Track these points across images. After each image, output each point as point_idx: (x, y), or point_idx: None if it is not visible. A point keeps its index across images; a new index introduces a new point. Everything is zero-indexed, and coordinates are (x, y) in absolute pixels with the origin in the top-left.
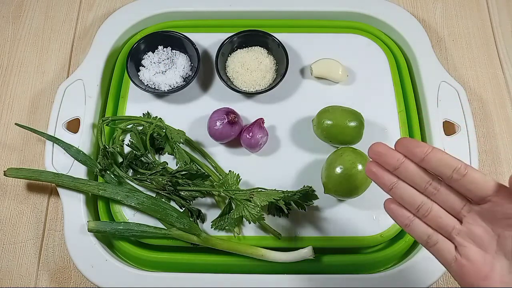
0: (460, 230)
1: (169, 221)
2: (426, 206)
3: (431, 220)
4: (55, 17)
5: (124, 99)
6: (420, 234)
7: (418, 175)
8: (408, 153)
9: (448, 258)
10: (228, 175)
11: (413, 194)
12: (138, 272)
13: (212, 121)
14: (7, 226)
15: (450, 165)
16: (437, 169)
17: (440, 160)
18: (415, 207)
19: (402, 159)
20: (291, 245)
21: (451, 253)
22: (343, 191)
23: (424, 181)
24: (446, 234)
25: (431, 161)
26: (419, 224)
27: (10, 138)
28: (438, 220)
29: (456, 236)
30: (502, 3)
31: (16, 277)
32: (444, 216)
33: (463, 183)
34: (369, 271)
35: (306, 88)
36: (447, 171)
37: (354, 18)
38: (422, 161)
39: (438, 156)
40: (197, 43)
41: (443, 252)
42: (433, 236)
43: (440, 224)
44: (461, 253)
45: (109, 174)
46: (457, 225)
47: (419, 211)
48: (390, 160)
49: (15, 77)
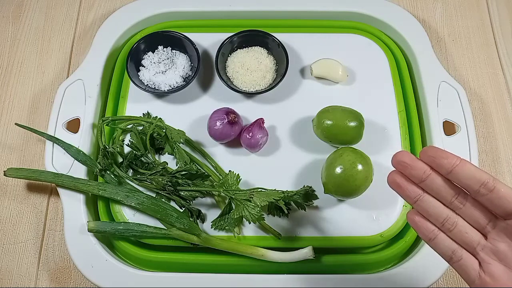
0: (485, 245)
1: (169, 221)
2: (452, 220)
3: (456, 235)
4: (55, 17)
5: (124, 99)
6: (444, 249)
7: (444, 188)
8: (434, 164)
9: (472, 275)
10: (228, 175)
11: (439, 208)
12: (138, 272)
13: (212, 121)
14: (7, 226)
15: (478, 179)
16: (464, 183)
17: (468, 174)
18: (440, 221)
19: (428, 171)
20: (291, 245)
21: (475, 269)
22: (343, 191)
23: (450, 194)
24: (471, 249)
25: (458, 174)
26: (444, 239)
27: (10, 138)
28: (463, 235)
29: (481, 252)
30: (502, 3)
31: (16, 277)
32: (469, 231)
33: (490, 198)
34: (369, 271)
35: (306, 88)
36: (475, 185)
37: (354, 18)
38: (449, 173)
39: (466, 169)
40: (197, 43)
41: (467, 269)
42: (458, 251)
43: (465, 240)
44: (485, 270)
45: (109, 174)
46: (482, 240)
47: (444, 225)
48: (416, 172)
49: (15, 77)
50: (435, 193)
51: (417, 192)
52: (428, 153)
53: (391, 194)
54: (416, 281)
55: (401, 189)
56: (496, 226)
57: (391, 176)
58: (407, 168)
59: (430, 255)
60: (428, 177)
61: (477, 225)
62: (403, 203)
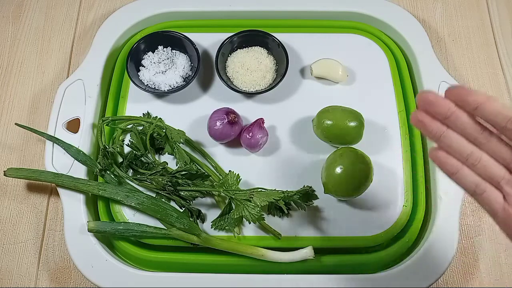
0: (510, 180)
1: (169, 221)
2: (476, 155)
3: (480, 169)
4: (55, 17)
5: (124, 99)
6: (468, 182)
7: (469, 124)
8: (460, 101)
9: (496, 207)
10: (228, 175)
11: (463, 143)
12: (138, 272)
13: (212, 121)
14: (7, 226)
15: (506, 115)
16: (490, 119)
17: (495, 110)
18: (464, 156)
19: (453, 108)
20: (291, 245)
21: (499, 202)
22: (343, 191)
23: (476, 130)
24: (495, 183)
25: (485, 110)
26: (467, 173)
27: (10, 138)
28: (487, 169)
29: (505, 185)
30: (502, 3)
31: (16, 277)
32: (493, 166)
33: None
34: (369, 271)
35: (306, 88)
36: (501, 121)
37: (354, 18)
38: (475, 110)
39: (493, 105)
40: (197, 43)
41: (490, 201)
42: (482, 185)
43: (489, 174)
44: (509, 202)
45: (109, 174)
46: (507, 175)
47: (468, 160)
48: (440, 109)
49: (15, 77)
50: (459, 130)
51: (441, 129)
52: (453, 92)
53: (391, 194)
54: (416, 281)
55: (424, 125)
56: None
57: (413, 115)
58: (432, 105)
59: (430, 255)
60: (453, 113)
61: (502, 160)
62: (403, 203)
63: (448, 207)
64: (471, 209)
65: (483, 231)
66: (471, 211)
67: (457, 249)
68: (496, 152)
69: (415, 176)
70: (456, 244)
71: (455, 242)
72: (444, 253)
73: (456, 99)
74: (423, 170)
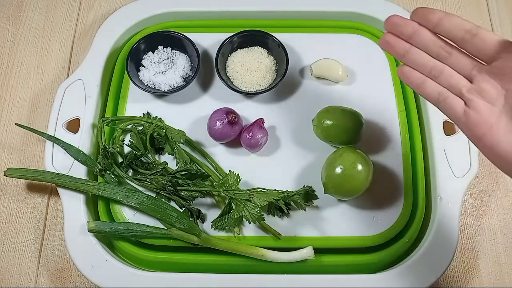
0: (470, 87)
1: (169, 221)
2: (438, 67)
3: (442, 79)
4: (55, 17)
5: (124, 99)
6: (431, 92)
7: (432, 40)
8: (423, 20)
9: (458, 111)
10: (228, 175)
11: (426, 58)
12: (138, 272)
13: (212, 121)
14: (7, 226)
15: (462, 27)
16: (450, 33)
17: (454, 24)
18: (428, 69)
19: (417, 27)
20: (291, 245)
21: (461, 106)
22: (343, 191)
23: (437, 45)
24: (457, 92)
25: (444, 25)
26: (430, 83)
27: (10, 138)
28: (449, 78)
29: (466, 93)
30: (502, 3)
31: (16, 277)
32: (455, 75)
33: (474, 43)
34: (369, 271)
35: (306, 88)
36: (459, 33)
37: (354, 18)
38: (436, 26)
39: (451, 19)
40: (197, 43)
41: (453, 106)
42: (444, 93)
43: (451, 83)
44: (470, 106)
45: (109, 174)
46: (468, 84)
47: (431, 73)
48: (405, 29)
49: (15, 77)
50: (423, 46)
51: (406, 46)
52: (417, 12)
53: (391, 194)
54: (416, 281)
55: (390, 45)
56: (482, 70)
57: (382, 38)
58: (398, 27)
59: (430, 255)
60: (416, 32)
61: (463, 71)
62: (403, 203)
63: (448, 207)
64: (471, 209)
65: (483, 231)
66: (471, 211)
67: (457, 249)
68: (457, 64)
69: (415, 176)
70: (456, 244)
71: (455, 242)
72: (444, 253)
73: (419, 19)
74: (423, 170)
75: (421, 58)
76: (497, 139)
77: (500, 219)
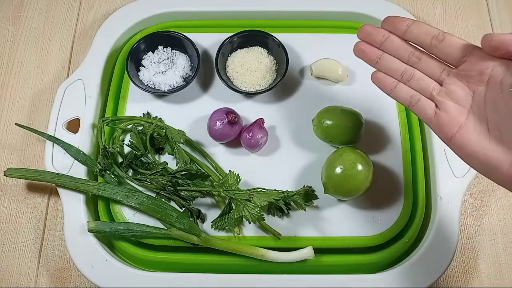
0: (440, 90)
1: (169, 221)
2: (409, 72)
3: (413, 83)
4: (55, 17)
5: (124, 99)
6: (403, 95)
7: (402, 46)
8: (392, 28)
9: (429, 113)
10: (228, 175)
11: (397, 63)
12: (138, 272)
13: (212, 121)
14: (7, 226)
15: (430, 33)
16: (418, 39)
17: (421, 30)
18: (399, 74)
19: (387, 34)
20: (291, 245)
21: (432, 108)
22: (343, 191)
23: (408, 51)
24: (427, 94)
25: (413, 32)
26: (403, 87)
27: (10, 138)
28: (420, 82)
29: (436, 95)
30: (502, 3)
31: (16, 277)
32: (425, 79)
33: (441, 48)
34: (369, 271)
35: (306, 88)
36: (427, 38)
37: (354, 18)
38: (405, 33)
39: (419, 26)
40: (197, 43)
41: (424, 108)
42: (416, 95)
43: (421, 86)
44: (440, 107)
45: (109, 174)
46: (437, 86)
47: (402, 77)
48: (376, 37)
49: (15, 77)
50: (394, 53)
51: (378, 53)
52: (387, 21)
53: (391, 194)
54: (416, 281)
55: (364, 53)
56: (450, 73)
57: (356, 45)
58: (370, 35)
59: (430, 255)
60: (387, 39)
61: (433, 75)
62: (403, 203)
63: (448, 207)
64: (471, 209)
65: (483, 231)
66: (471, 211)
67: (457, 249)
68: (427, 68)
69: (415, 176)
70: (456, 244)
71: (455, 242)
72: (444, 253)
73: (389, 27)
74: (423, 170)
75: (393, 63)
76: (467, 138)
77: (500, 219)
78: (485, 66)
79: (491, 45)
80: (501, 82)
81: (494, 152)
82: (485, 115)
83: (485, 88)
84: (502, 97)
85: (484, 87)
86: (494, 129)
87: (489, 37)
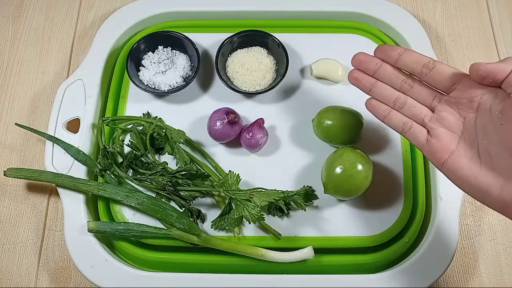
0: (432, 117)
1: (169, 221)
2: (401, 99)
3: (406, 110)
4: (55, 17)
5: (124, 99)
6: (396, 122)
7: (394, 74)
8: (385, 57)
9: (421, 139)
10: (228, 175)
11: (390, 91)
12: (138, 272)
13: (212, 121)
14: (7, 226)
15: (420, 61)
16: (409, 67)
17: (412, 58)
18: (392, 101)
19: (380, 63)
20: (291, 245)
21: (424, 135)
22: (343, 191)
23: (400, 79)
24: (420, 121)
25: (404, 60)
26: (395, 114)
27: (10, 138)
28: (412, 109)
29: (428, 122)
30: (502, 3)
31: (16, 277)
32: (417, 106)
33: (432, 76)
34: (369, 271)
35: (306, 88)
36: (418, 67)
37: (354, 18)
38: (397, 61)
39: (410, 55)
40: (197, 43)
41: (416, 135)
42: (408, 122)
43: (414, 113)
44: (432, 134)
45: (109, 174)
46: (429, 113)
47: (395, 104)
48: (370, 65)
49: (15, 77)
50: (387, 80)
51: (371, 81)
52: (380, 49)
53: (391, 194)
54: (416, 281)
55: (358, 81)
56: (441, 100)
57: (350, 73)
58: (363, 63)
59: (430, 255)
60: (380, 67)
61: (424, 102)
62: (403, 203)
63: (448, 207)
64: (471, 209)
65: (483, 231)
66: (471, 211)
67: (457, 249)
68: (419, 95)
69: (415, 176)
70: (456, 244)
71: (455, 242)
72: (444, 253)
73: (382, 56)
74: (423, 170)
75: (386, 91)
76: (458, 164)
77: (500, 219)
78: (474, 94)
79: (478, 74)
80: (490, 109)
81: (485, 177)
82: (475, 141)
83: (475, 114)
84: (492, 124)
85: (474, 114)
86: (484, 155)
87: (477, 66)
